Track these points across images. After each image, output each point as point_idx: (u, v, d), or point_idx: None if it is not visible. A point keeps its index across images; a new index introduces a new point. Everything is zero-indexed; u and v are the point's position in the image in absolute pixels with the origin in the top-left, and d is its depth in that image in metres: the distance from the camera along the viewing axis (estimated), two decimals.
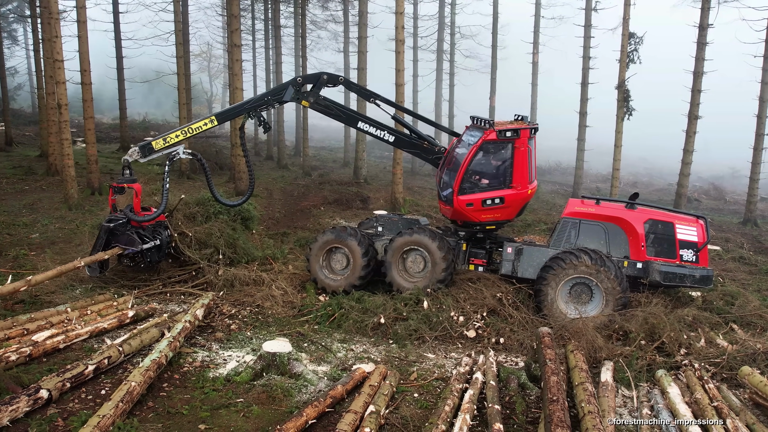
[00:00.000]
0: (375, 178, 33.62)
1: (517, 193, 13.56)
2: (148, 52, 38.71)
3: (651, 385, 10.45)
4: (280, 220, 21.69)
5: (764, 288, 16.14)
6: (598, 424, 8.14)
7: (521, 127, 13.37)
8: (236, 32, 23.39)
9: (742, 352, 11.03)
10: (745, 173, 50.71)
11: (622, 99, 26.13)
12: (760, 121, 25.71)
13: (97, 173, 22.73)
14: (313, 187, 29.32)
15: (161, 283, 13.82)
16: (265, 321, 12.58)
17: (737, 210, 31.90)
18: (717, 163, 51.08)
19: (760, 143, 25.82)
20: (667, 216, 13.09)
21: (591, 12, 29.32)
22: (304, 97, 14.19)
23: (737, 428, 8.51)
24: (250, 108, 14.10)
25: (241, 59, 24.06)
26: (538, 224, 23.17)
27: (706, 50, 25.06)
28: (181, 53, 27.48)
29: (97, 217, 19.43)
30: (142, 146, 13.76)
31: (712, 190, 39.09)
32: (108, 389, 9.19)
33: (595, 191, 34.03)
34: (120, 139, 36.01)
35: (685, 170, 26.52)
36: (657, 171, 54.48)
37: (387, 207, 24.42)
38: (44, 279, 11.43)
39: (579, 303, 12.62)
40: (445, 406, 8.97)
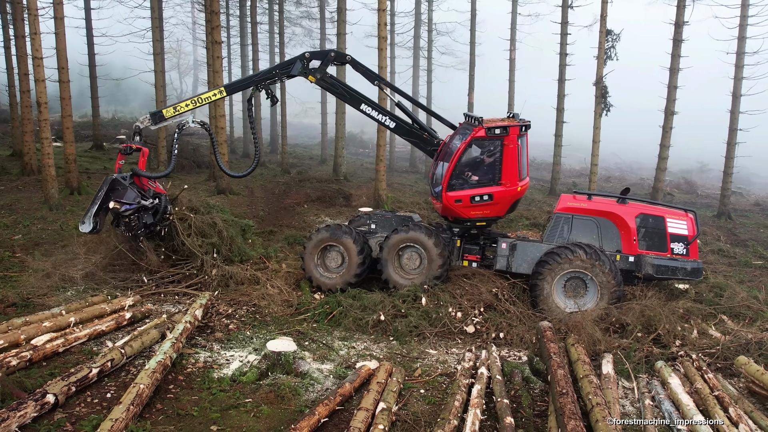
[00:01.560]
0: (354, 175, 33.62)
1: (506, 190, 13.63)
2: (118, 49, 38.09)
3: (649, 376, 10.66)
4: (265, 219, 21.54)
5: (746, 279, 16.55)
6: (607, 416, 8.29)
7: (510, 125, 13.47)
8: (217, 29, 23.16)
9: (735, 343, 11.32)
10: (713, 167, 52.13)
11: (599, 95, 26.54)
12: (733, 116, 26.31)
13: (76, 173, 22.32)
14: (293, 185, 29.19)
15: (155, 283, 13.63)
16: (263, 320, 12.51)
17: (710, 203, 32.59)
18: (685, 158, 52.06)
19: (734, 138, 26.41)
20: (657, 210, 13.34)
21: (567, 9, 29.64)
22: (311, 72, 14.10)
23: (740, 416, 8.74)
24: (258, 81, 14.16)
25: (221, 56, 23.82)
26: (520, 219, 23.37)
27: (681, 47, 25.55)
28: (159, 50, 27.12)
29: (78, 216, 19.10)
30: (153, 114, 13.97)
31: (683, 184, 39.89)
32: (113, 392, 9.08)
33: (571, 186, 34.46)
34: (93, 138, 35.35)
35: (662, 165, 27.03)
36: (627, 166, 55.48)
37: (370, 204, 24.43)
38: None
39: (574, 297, 12.80)
40: (454, 402, 9.04)
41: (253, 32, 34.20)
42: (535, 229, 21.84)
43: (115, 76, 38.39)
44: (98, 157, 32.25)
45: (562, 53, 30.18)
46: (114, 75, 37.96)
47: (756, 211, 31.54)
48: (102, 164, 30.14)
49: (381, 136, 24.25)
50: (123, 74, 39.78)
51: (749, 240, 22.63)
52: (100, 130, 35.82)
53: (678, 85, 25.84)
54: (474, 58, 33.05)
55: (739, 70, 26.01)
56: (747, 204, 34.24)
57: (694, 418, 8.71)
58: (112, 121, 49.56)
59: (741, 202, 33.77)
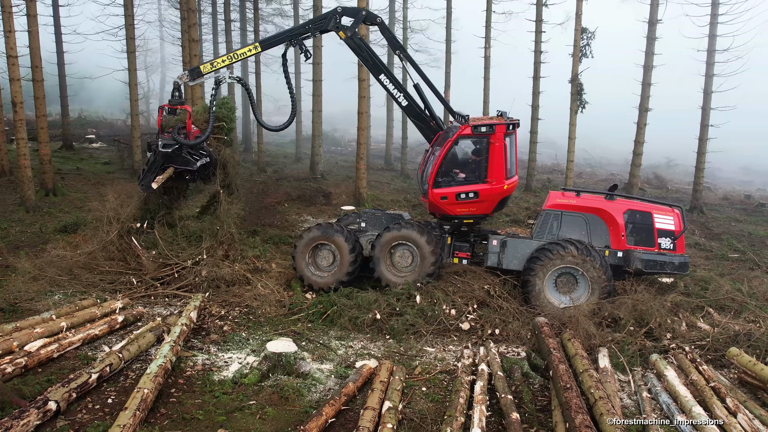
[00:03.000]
0: (330, 173, 33.51)
1: (492, 188, 13.70)
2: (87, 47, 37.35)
3: (644, 369, 10.86)
4: (246, 218, 21.25)
5: (725, 272, 16.91)
6: (612, 409, 8.43)
7: (496, 123, 13.55)
8: (194, 27, 22.86)
9: (724, 335, 11.59)
10: (680, 162, 53.21)
11: (575, 92, 26.89)
12: (704, 113, 26.88)
13: (51, 173, 21.85)
14: (271, 184, 29.00)
15: (144, 285, 13.43)
16: (257, 321, 12.42)
17: (680, 198, 33.20)
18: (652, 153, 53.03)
19: (705, 134, 27.00)
20: (645, 206, 13.58)
21: (542, 7, 29.91)
22: (343, 28, 13.96)
23: (738, 406, 8.95)
24: (292, 36, 14.10)
25: (199, 54, 23.53)
26: (500, 216, 23.53)
27: (655, 45, 26.01)
28: (133, 48, 26.66)
29: (57, 218, 18.75)
30: (191, 70, 14.16)
31: (654, 179, 40.58)
32: (114, 397, 8.94)
33: (545, 182, 34.87)
34: (62, 137, 34.58)
35: (637, 161, 27.54)
36: (597, 162, 56.27)
37: (351, 202, 24.38)
38: None
39: (565, 292, 12.97)
40: (459, 399, 9.08)
41: (227, 30, 33.86)
42: (516, 226, 22.10)
43: (84, 74, 37.56)
44: (69, 158, 31.61)
45: (537, 51, 30.45)
46: (82, 73, 37.15)
47: (725, 205, 32.30)
48: (74, 164, 29.56)
49: (361, 134, 24.22)
50: (91, 72, 38.94)
51: (723, 233, 23.15)
52: (69, 129, 35.08)
53: (652, 82, 26.30)
54: (450, 56, 33.17)
55: (710, 67, 26.58)
56: (716, 198, 35.02)
57: (692, 409, 8.89)
58: (79, 120, 48.54)
59: (710, 197, 34.50)
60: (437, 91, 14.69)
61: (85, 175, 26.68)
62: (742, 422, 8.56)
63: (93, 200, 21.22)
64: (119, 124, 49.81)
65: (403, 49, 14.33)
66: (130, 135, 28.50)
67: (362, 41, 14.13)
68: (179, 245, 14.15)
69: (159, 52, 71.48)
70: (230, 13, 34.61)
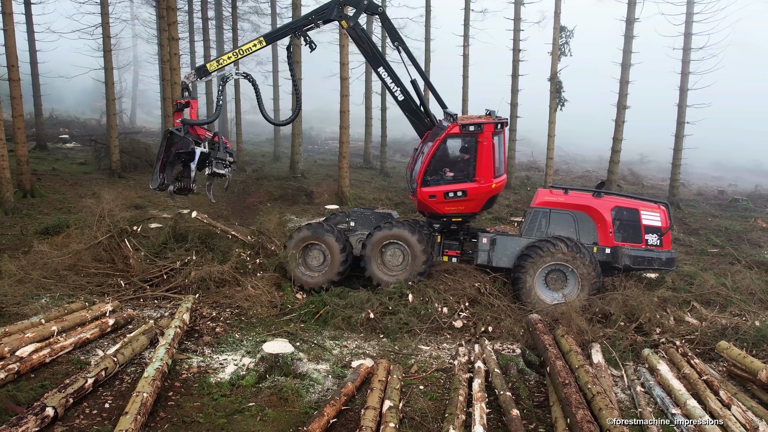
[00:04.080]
0: (310, 172, 33.38)
1: (480, 186, 13.74)
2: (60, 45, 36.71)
3: (636, 363, 11.02)
4: (229, 218, 21.16)
5: (707, 267, 17.21)
6: (610, 404, 8.53)
7: (484, 122, 13.62)
8: (173, 25, 22.59)
9: (712, 328, 11.80)
10: (653, 158, 54.02)
11: (554, 90, 27.14)
12: (680, 110, 27.35)
13: (29, 175, 21.46)
14: (251, 183, 28.82)
15: (133, 288, 13.27)
16: (249, 322, 12.35)
17: (656, 194, 33.70)
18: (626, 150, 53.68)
19: (682, 131, 27.46)
20: (632, 203, 13.76)
21: (520, 6, 30.15)
22: (346, 18, 13.83)
23: (731, 399, 9.12)
24: (296, 28, 13.95)
25: (178, 53, 23.29)
26: (482, 214, 23.65)
27: (633, 43, 26.36)
28: (109, 47, 26.27)
29: (37, 220, 18.43)
30: (197, 69, 13.94)
31: (629, 175, 41.12)
32: (110, 402, 8.81)
33: (524, 180, 35.15)
34: (36, 138, 33.96)
35: (615, 158, 27.88)
36: (572, 158, 56.83)
37: (333, 201, 24.36)
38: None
39: (555, 289, 13.10)
40: (458, 396, 9.13)
41: (204, 28, 33.54)
42: (499, 223, 22.23)
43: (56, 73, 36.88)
44: (43, 158, 31.11)
45: (515, 49, 30.69)
46: (55, 72, 36.49)
47: (700, 201, 32.89)
48: (49, 165, 29.10)
49: (344, 132, 24.19)
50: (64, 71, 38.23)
51: (701, 229, 23.58)
52: (43, 129, 34.50)
53: (630, 80, 26.65)
54: (429, 55, 33.23)
55: (686, 65, 27.03)
56: (691, 194, 35.65)
57: (687, 402, 9.04)
58: (50, 120, 47.75)
59: (685, 192, 35.10)
60: (433, 87, 14.70)
61: (62, 176, 26.24)
62: (736, 414, 8.72)
63: (72, 201, 21.06)
64: (92, 123, 49.15)
65: (402, 42, 14.20)
66: (107, 135, 28.11)
67: (364, 32, 14.03)
68: (168, 247, 14.00)
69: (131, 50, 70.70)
70: (207, 11, 34.25)
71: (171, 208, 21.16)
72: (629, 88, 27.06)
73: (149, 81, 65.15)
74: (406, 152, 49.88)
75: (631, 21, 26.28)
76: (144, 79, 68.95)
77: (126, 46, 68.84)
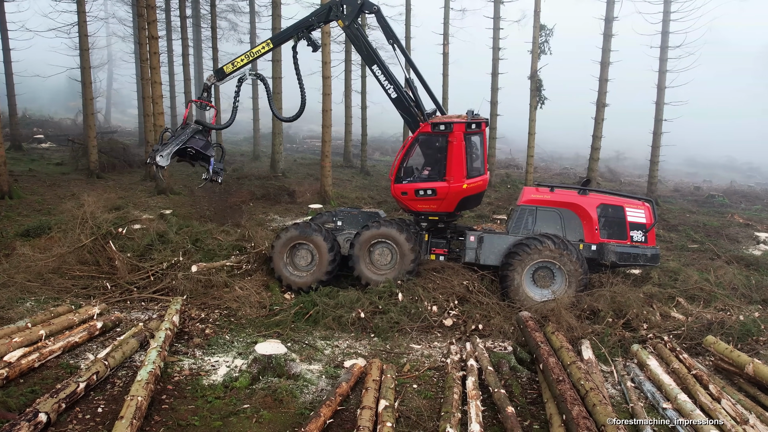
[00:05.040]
0: (291, 171, 33.24)
1: (450, 186, 13.70)
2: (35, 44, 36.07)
3: (625, 359, 11.16)
4: (212, 218, 20.99)
5: (687, 263, 17.49)
6: (603, 399, 8.63)
7: (454, 121, 13.60)
8: (153, 23, 22.34)
9: (698, 323, 11.99)
10: (629, 155, 54.65)
11: (535, 88, 27.32)
12: (658, 107, 27.72)
13: (6, 175, 21.05)
14: (232, 183, 28.59)
15: (119, 290, 13.10)
16: (238, 323, 12.28)
17: (633, 190, 34.05)
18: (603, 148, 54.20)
19: (659, 128, 27.83)
20: (617, 200, 13.91)
21: (499, 4, 30.30)
22: (342, 17, 13.99)
23: (720, 392, 9.28)
24: (298, 29, 14.21)
25: (159, 51, 23.03)
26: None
27: (611, 42, 26.64)
28: (86, 45, 25.89)
29: (17, 222, 18.10)
30: (216, 71, 14.79)
31: (607, 172, 41.54)
32: (103, 406, 8.71)
33: (504, 177, 35.33)
34: (10, 137, 33.32)
35: (595, 155, 28.15)
36: (549, 156, 57.36)
37: (316, 200, 24.28)
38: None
39: (542, 286, 13.21)
40: (453, 395, 9.17)
41: (182, 26, 33.20)
42: (481, 221, 22.34)
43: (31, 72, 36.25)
44: (19, 159, 30.57)
45: (495, 47, 30.84)
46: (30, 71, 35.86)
47: (677, 197, 33.35)
48: (26, 165, 28.60)
49: (326, 132, 24.12)
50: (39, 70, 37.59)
51: (679, 225, 23.90)
52: (17, 128, 33.90)
53: (609, 78, 26.93)
54: (409, 53, 33.22)
55: (663, 63, 27.39)
56: (667, 190, 36.11)
57: (678, 397, 9.17)
58: (24, 119, 46.92)
59: (662, 189, 35.53)
60: (427, 84, 14.71)
61: (40, 177, 25.81)
62: (726, 407, 8.89)
63: (52, 202, 20.74)
64: (67, 123, 48.39)
65: (396, 39, 14.29)
66: (85, 135, 27.73)
67: (359, 31, 14.12)
68: (156, 248, 13.86)
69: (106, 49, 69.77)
70: (185, 9, 33.91)
71: (152, 209, 20.99)
72: (608, 86, 27.33)
73: (123, 80, 64.51)
74: (385, 150, 49.94)
75: (609, 20, 26.56)
76: (118, 77, 68.21)
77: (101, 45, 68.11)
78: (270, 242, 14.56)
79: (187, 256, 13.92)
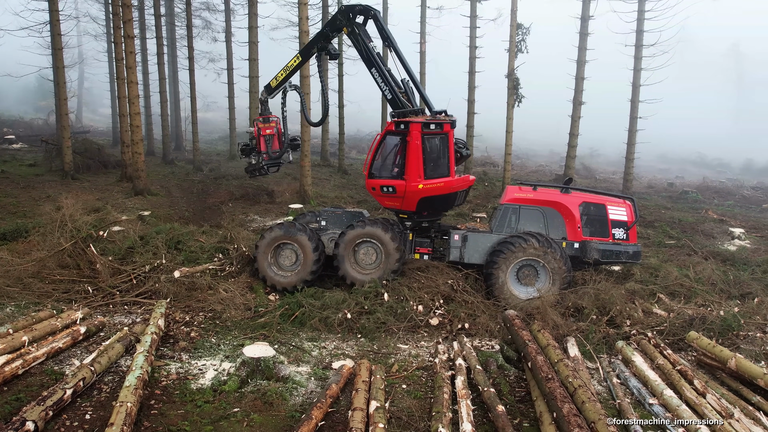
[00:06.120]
0: None
1: (407, 185, 13.63)
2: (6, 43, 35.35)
3: (609, 355, 11.29)
4: (191, 219, 20.81)
5: (666, 259, 17.74)
6: (592, 396, 8.72)
7: (412, 121, 13.55)
8: (129, 23, 22.03)
9: (680, 319, 12.17)
10: (602, 152, 55.31)
11: (512, 87, 27.49)
12: (633, 105, 28.09)
13: None
14: (210, 183, 28.40)
15: (101, 294, 12.91)
16: (224, 326, 12.17)
17: (609, 187, 34.53)
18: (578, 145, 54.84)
19: (634, 126, 28.20)
20: (599, 198, 14.07)
21: (476, 3, 30.45)
22: (346, 24, 14.45)
23: (705, 387, 9.44)
24: (317, 41, 15.09)
25: (134, 51, 22.73)
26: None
27: (588, 40, 26.90)
28: (60, 45, 25.42)
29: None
30: (265, 87, 16.00)
31: (582, 169, 42.01)
32: (91, 413, 8.58)
33: (482, 175, 35.51)
34: None
35: (572, 152, 28.44)
36: (524, 153, 57.87)
37: (296, 200, 24.19)
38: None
39: (527, 284, 13.32)
40: (443, 394, 9.20)
41: (157, 25, 32.81)
42: (460, 219, 22.44)
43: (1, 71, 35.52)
44: None
45: (471, 46, 31.00)
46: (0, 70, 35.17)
47: (652, 193, 33.84)
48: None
49: (305, 131, 24.00)
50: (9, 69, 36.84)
51: (656, 221, 24.23)
52: None
53: (585, 76, 27.21)
54: (386, 51, 33.22)
55: (638, 62, 27.74)
56: (642, 186, 36.63)
57: (664, 392, 9.31)
58: None
59: (636, 185, 36.00)
60: (420, 87, 14.76)
61: (12, 179, 25.33)
62: (711, 402, 9.04)
63: (27, 205, 20.38)
64: (38, 123, 47.53)
65: (392, 43, 14.50)
66: (59, 135, 27.27)
67: (361, 36, 14.34)
68: (137, 251, 13.69)
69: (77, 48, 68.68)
70: (159, 8, 33.51)
71: (129, 210, 20.73)
72: (584, 85, 27.62)
73: (95, 79, 63.50)
74: (362, 149, 49.88)
75: (585, 18, 26.84)
76: (90, 76, 67.15)
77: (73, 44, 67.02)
78: (254, 243, 14.47)
79: (169, 258, 13.75)
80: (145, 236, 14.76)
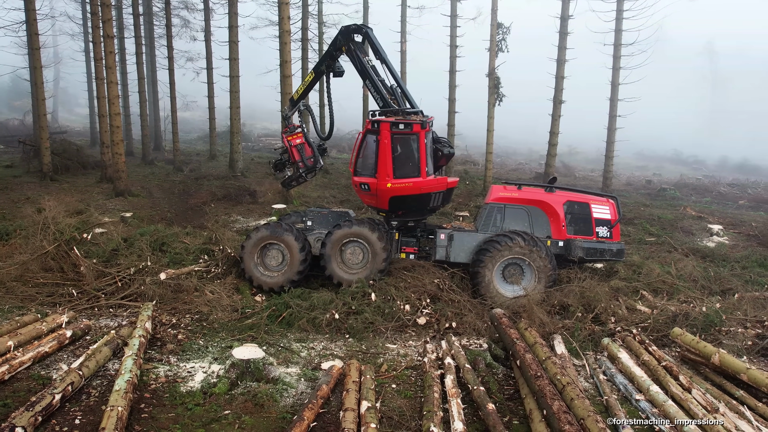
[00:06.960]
0: (249, 171, 32.88)
1: (378, 183, 13.71)
2: None
3: (595, 352, 11.43)
4: (174, 220, 20.66)
5: (647, 255, 17.98)
6: (581, 393, 8.84)
7: (382, 120, 13.66)
8: (108, 22, 21.81)
9: (663, 316, 12.36)
10: (580, 150, 55.80)
11: (493, 86, 27.63)
12: (612, 103, 28.39)
13: None
14: (191, 183, 28.20)
15: (86, 297, 12.78)
16: (211, 327, 12.11)
17: (588, 185, 34.85)
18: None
19: (614, 124, 28.51)
20: (582, 197, 14.23)
21: (456, 2, 30.55)
22: (344, 43, 14.72)
23: (690, 383, 9.60)
24: (325, 60, 15.37)
25: (114, 51, 22.49)
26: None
27: (567, 39, 27.13)
28: (37, 44, 25.08)
29: None
30: (290, 100, 16.36)
31: (562, 167, 42.31)
32: (80, 417, 8.51)
33: (462, 174, 35.66)
34: None
35: (552, 151, 28.66)
36: (503, 152, 58.17)
37: (278, 200, 24.11)
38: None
39: (512, 282, 13.43)
40: (433, 393, 9.26)
41: (135, 24, 32.50)
42: (443, 218, 22.52)
43: None
44: None
45: (452, 45, 31.10)
46: None
47: (630, 191, 34.24)
48: None
49: None
50: None
51: (635, 218, 24.52)
52: None
53: (565, 75, 27.44)
54: (367, 50, 33.24)
55: (617, 61, 28.04)
56: (620, 184, 37.03)
57: (650, 388, 9.46)
58: None
59: (615, 183, 36.37)
60: (406, 93, 14.83)
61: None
62: (696, 397, 9.20)
63: (6, 207, 20.08)
64: (14, 124, 46.84)
65: (384, 59, 14.81)
66: (37, 136, 26.92)
67: (356, 52, 14.57)
68: (122, 253, 13.58)
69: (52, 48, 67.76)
70: (138, 8, 33.19)
71: (111, 212, 20.54)
72: (564, 84, 27.85)
73: (70, 78, 62.79)
74: (342, 148, 49.78)
75: (565, 18, 27.07)
76: (65, 76, 66.40)
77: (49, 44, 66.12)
78: (239, 244, 14.42)
79: (154, 260, 13.65)
80: (129, 238, 14.66)
